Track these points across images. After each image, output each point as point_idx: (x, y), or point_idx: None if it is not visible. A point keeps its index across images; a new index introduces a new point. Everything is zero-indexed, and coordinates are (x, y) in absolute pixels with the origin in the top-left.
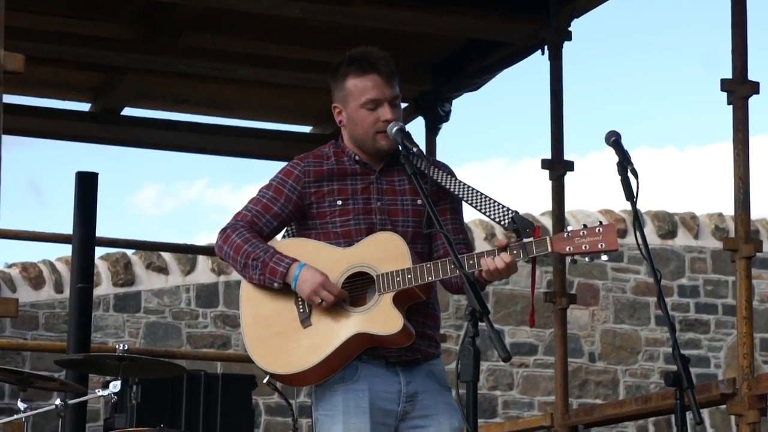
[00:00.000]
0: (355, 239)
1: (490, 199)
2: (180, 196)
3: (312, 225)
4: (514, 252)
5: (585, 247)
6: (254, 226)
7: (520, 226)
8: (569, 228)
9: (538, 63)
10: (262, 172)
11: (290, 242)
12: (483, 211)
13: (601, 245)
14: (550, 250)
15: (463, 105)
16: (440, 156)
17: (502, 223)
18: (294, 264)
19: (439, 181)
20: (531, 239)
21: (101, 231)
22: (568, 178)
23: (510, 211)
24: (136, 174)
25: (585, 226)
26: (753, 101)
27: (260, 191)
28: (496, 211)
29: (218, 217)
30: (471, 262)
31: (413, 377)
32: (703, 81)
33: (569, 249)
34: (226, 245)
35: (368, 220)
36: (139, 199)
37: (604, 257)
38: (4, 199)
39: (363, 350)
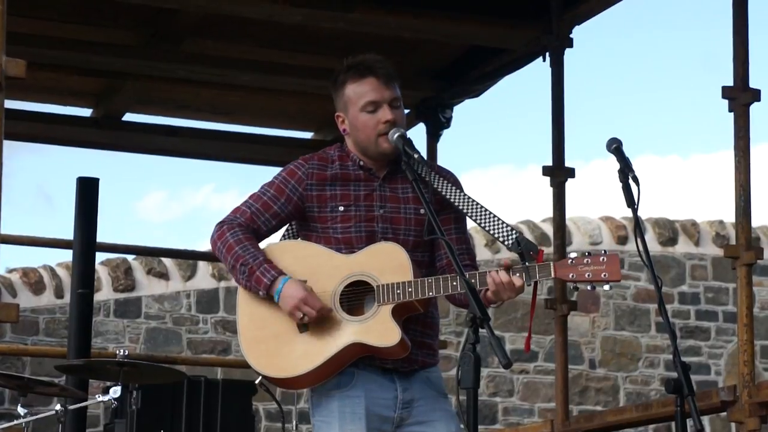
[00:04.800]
0: (356, 246)
1: (495, 217)
2: (186, 202)
3: (313, 228)
4: (517, 275)
5: (588, 275)
6: (252, 224)
7: (524, 248)
8: (573, 254)
9: (539, 70)
10: (267, 178)
11: (291, 244)
12: (486, 228)
13: (604, 275)
14: (553, 275)
15: (464, 111)
16: (442, 162)
17: (506, 243)
18: (279, 278)
19: (442, 192)
20: (535, 263)
21: (108, 237)
22: (570, 184)
23: (514, 232)
24: (142, 180)
25: (589, 253)
26: (754, 108)
27: (262, 188)
28: (500, 231)
29: None
30: (473, 280)
31: (410, 384)
32: (708, 89)
33: (572, 276)
34: (220, 242)
35: (369, 227)
36: (145, 205)
37: (606, 287)
38: (14, 205)
39: (358, 358)
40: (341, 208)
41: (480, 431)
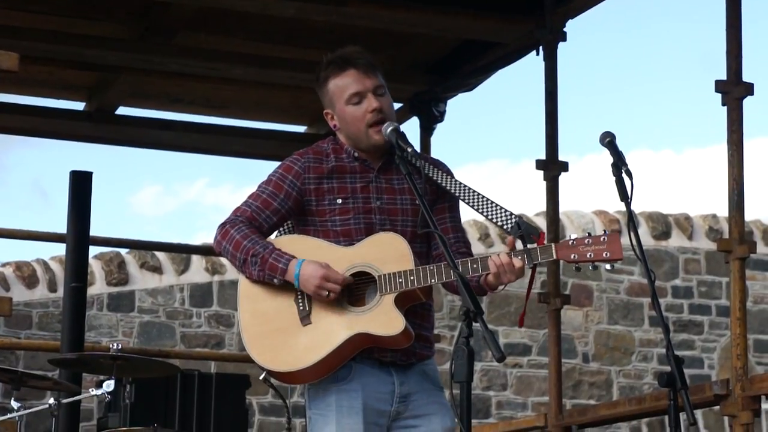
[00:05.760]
0: (355, 238)
1: (492, 202)
2: (180, 196)
3: (311, 222)
4: (519, 257)
5: (589, 255)
6: (254, 222)
7: (525, 231)
8: (574, 236)
9: (533, 63)
10: (261, 172)
11: (290, 239)
12: (485, 213)
13: (606, 254)
14: (555, 257)
15: (457, 105)
16: (436, 156)
17: (506, 227)
18: (293, 260)
19: (438, 180)
20: (536, 246)
21: (102, 230)
22: (564, 178)
23: (513, 216)
24: (136, 174)
25: (589, 234)
26: (747, 102)
27: (260, 187)
28: (499, 215)
29: (218, 217)
30: (475, 266)
31: (407, 378)
32: (701, 82)
33: (574, 257)
34: (225, 241)
35: (368, 219)
36: (139, 199)
37: (607, 266)
38: (9, 199)
39: (360, 350)
40: (339, 201)
41: (473, 425)
